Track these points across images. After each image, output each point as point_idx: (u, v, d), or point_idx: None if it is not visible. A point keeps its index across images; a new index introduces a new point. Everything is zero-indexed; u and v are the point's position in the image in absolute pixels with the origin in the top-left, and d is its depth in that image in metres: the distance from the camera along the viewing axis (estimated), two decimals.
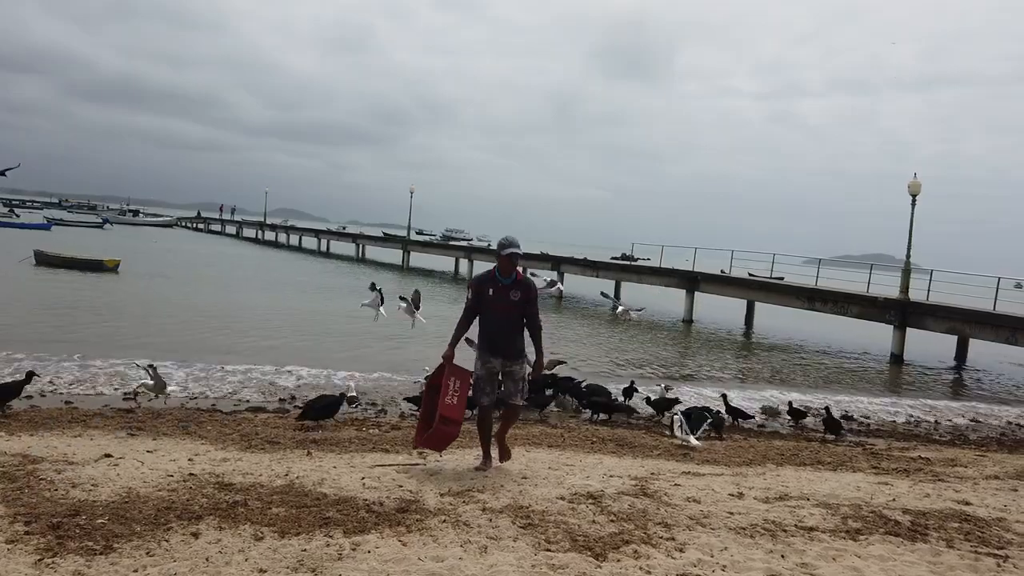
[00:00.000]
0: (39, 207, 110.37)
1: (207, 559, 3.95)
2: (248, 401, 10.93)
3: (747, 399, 13.64)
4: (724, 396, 11.98)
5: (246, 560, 3.96)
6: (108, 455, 6.34)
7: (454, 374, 6.06)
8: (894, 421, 13.42)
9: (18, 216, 68.26)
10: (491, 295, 6.01)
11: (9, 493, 4.94)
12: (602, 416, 11.15)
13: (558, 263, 37.29)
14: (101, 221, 75.88)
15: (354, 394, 11.00)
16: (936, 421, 13.73)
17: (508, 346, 6.08)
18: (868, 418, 13.38)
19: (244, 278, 33.88)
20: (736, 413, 11.51)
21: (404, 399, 11.29)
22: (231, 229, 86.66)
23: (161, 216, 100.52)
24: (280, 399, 11.14)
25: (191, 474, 5.76)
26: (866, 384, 17.73)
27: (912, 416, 13.98)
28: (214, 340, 15.95)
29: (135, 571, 3.76)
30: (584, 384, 12.05)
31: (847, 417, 12.97)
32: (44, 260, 29.87)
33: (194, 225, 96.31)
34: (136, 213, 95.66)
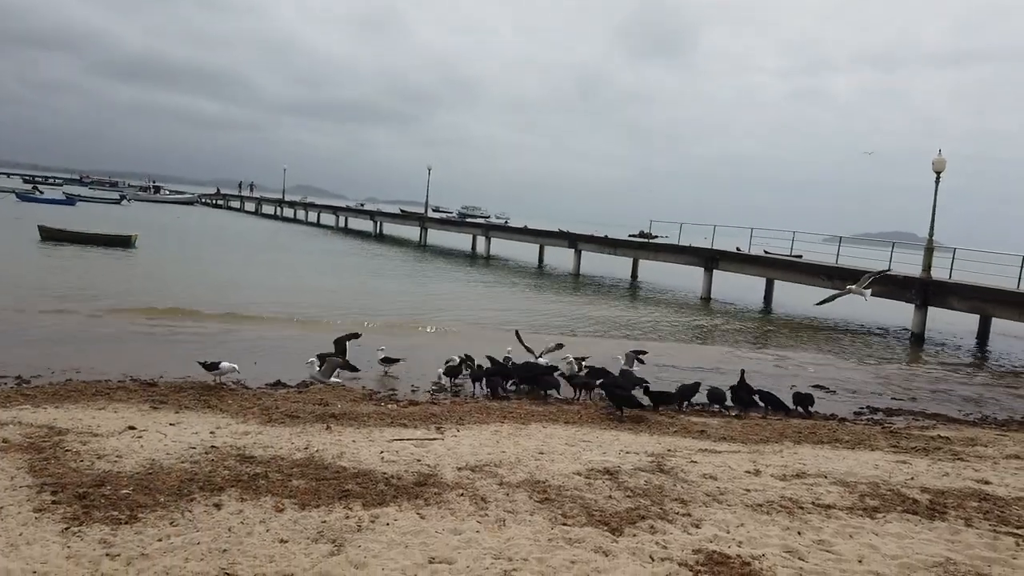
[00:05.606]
0: (60, 183, 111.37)
1: (229, 529, 4.02)
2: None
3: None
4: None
5: (267, 531, 4.03)
6: (132, 427, 6.44)
7: None
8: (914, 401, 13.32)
9: (41, 192, 69.08)
10: None
11: (36, 463, 5.04)
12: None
13: (575, 240, 37.15)
14: (119, 197, 76.62)
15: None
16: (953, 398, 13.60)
17: None
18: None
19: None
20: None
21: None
22: (250, 206, 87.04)
23: (183, 193, 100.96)
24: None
25: (213, 446, 5.85)
26: (885, 364, 17.55)
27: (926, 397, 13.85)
28: None
29: (159, 540, 3.84)
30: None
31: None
32: (50, 235, 27.80)
33: (214, 202, 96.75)
34: (158, 190, 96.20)
